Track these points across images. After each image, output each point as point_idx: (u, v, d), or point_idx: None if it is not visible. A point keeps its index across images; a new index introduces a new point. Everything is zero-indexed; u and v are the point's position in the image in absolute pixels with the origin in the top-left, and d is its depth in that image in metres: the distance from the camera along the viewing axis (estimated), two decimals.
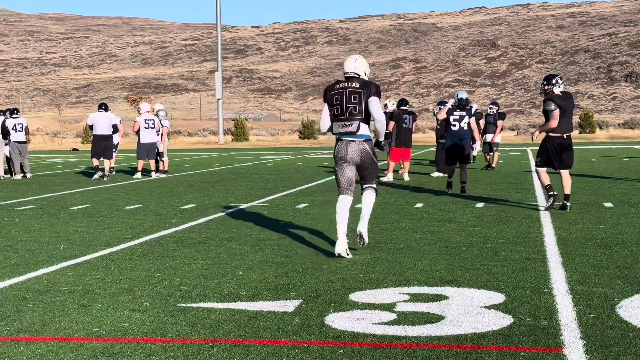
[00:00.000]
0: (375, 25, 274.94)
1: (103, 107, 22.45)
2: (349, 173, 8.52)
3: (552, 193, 12.03)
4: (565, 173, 12.30)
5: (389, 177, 19.36)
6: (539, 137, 12.65)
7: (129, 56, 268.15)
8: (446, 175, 18.01)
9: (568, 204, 12.19)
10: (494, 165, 23.28)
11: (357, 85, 8.32)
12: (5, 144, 23.07)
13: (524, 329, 5.39)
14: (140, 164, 22.27)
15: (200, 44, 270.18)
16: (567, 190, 12.23)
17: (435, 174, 20.72)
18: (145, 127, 21.94)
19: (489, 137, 23.34)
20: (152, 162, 22.29)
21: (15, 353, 5.04)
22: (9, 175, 23.45)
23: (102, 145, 21.95)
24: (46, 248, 9.30)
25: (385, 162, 22.45)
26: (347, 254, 8.27)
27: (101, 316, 5.97)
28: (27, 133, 23.58)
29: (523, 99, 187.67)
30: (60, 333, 5.51)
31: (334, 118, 8.44)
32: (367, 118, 8.35)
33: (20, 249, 9.23)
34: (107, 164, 22.19)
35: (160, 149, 22.57)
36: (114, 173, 23.12)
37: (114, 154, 23.17)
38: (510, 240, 9.27)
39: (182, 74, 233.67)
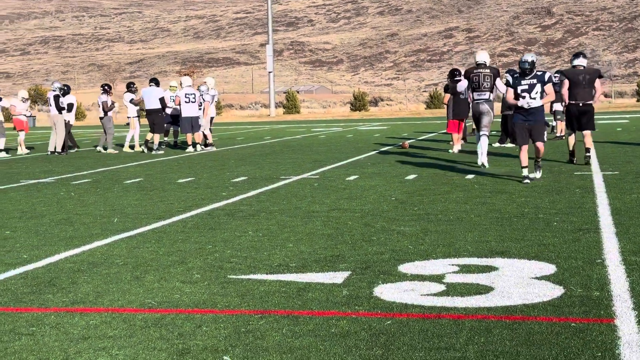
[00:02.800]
0: None
1: (154, 82, 22.70)
2: (483, 120, 14.62)
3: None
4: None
5: (455, 149, 18.79)
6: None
7: (181, 30, 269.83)
8: (514, 145, 18.40)
9: (588, 154, 14.76)
10: (558, 134, 22.55)
11: (487, 70, 14.68)
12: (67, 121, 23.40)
13: (574, 300, 5.34)
14: (188, 138, 22.48)
15: (252, 17, 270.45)
16: (588, 145, 14.89)
17: (497, 144, 20.31)
18: (185, 101, 22.07)
19: (555, 106, 22.60)
20: (197, 135, 22.44)
21: (70, 324, 5.16)
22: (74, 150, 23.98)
23: (151, 119, 22.22)
24: (100, 221, 9.47)
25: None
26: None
27: (153, 288, 6.07)
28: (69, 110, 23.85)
29: (564, 69, 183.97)
30: (114, 304, 5.62)
31: (473, 91, 14.70)
32: (492, 90, 14.65)
33: (76, 222, 9.42)
34: (156, 138, 22.40)
35: (200, 123, 22.60)
36: (203, 149, 22.73)
37: (203, 129, 22.97)
38: (562, 211, 9.15)
39: (233, 47, 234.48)
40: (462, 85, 18.46)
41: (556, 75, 22.90)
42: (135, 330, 4.97)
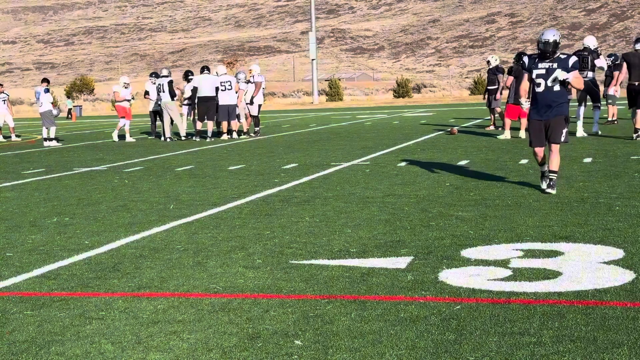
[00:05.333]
0: None
1: (206, 69, 22.79)
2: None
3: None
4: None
5: (506, 135, 18.42)
6: None
7: (223, 19, 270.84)
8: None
9: (635, 135, 16.25)
10: (609, 119, 21.77)
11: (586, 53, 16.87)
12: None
13: None
14: (224, 126, 22.52)
15: (292, 4, 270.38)
16: (638, 125, 16.25)
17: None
18: (221, 90, 22.12)
19: (609, 90, 21.91)
20: (233, 123, 22.50)
21: (138, 308, 5.19)
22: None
23: (206, 107, 22.27)
24: (157, 208, 9.53)
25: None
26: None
27: (216, 273, 6.08)
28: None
29: (625, 52, 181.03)
30: (179, 289, 5.64)
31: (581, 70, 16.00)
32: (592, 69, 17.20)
33: (132, 209, 9.49)
34: (210, 125, 22.49)
35: (237, 111, 22.67)
36: (252, 135, 22.96)
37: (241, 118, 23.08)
38: (623, 195, 8.99)
39: (274, 35, 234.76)
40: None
41: (608, 58, 22.42)
42: (204, 315, 4.98)
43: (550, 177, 9.46)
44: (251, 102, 23.07)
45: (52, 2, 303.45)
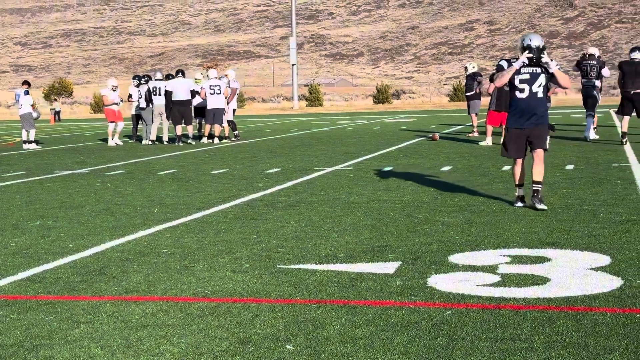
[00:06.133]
0: None
1: (181, 73, 22.72)
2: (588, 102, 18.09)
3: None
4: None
5: (487, 141, 18.52)
6: None
7: (202, 23, 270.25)
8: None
9: (623, 139, 17.08)
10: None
11: (594, 62, 18.27)
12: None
13: (635, 291, 5.26)
14: (207, 129, 22.49)
15: (272, 10, 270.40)
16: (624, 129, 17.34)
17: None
18: (210, 93, 22.06)
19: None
20: (216, 128, 22.45)
21: (126, 312, 5.14)
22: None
23: (181, 111, 22.20)
24: (141, 211, 9.47)
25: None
26: None
27: (204, 277, 6.05)
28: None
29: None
30: (167, 293, 5.60)
31: (583, 77, 18.29)
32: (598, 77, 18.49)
33: (116, 212, 9.42)
34: (189, 129, 22.41)
35: (222, 115, 22.62)
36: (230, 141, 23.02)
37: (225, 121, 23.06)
38: (607, 202, 9.04)
39: (254, 40, 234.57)
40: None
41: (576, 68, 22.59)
42: (193, 319, 4.94)
43: (535, 189, 8.81)
44: None
45: (30, 5, 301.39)
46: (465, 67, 22.96)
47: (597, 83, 18.56)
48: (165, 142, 22.55)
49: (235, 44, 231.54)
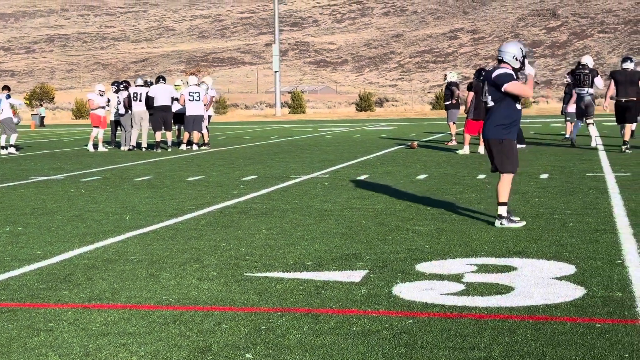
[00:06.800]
0: None
1: (162, 79, 22.68)
2: (588, 110, 18.75)
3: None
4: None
5: (465, 150, 18.56)
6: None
7: (186, 30, 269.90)
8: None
9: (623, 147, 17.55)
10: (567, 135, 21.89)
11: (587, 71, 18.76)
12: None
13: (597, 301, 5.28)
14: (185, 136, 22.49)
15: (257, 17, 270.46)
16: (626, 138, 17.79)
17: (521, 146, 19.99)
18: (189, 100, 22.04)
19: (568, 107, 22.03)
20: (195, 134, 22.44)
21: (87, 320, 5.11)
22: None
23: (162, 117, 22.16)
24: (112, 218, 9.43)
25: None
26: None
27: (170, 285, 6.03)
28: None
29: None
30: (131, 301, 5.57)
31: (576, 86, 18.97)
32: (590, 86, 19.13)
33: (88, 219, 9.37)
34: (168, 135, 22.39)
35: (201, 122, 22.65)
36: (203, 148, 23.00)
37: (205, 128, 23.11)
38: (577, 212, 9.09)
39: (238, 47, 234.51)
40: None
41: (566, 76, 22.68)
42: (155, 327, 4.92)
43: (503, 215, 8.30)
44: None
45: (13, 9, 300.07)
46: (445, 75, 23.04)
47: (591, 91, 19.17)
48: (143, 149, 22.49)
49: (220, 51, 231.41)
